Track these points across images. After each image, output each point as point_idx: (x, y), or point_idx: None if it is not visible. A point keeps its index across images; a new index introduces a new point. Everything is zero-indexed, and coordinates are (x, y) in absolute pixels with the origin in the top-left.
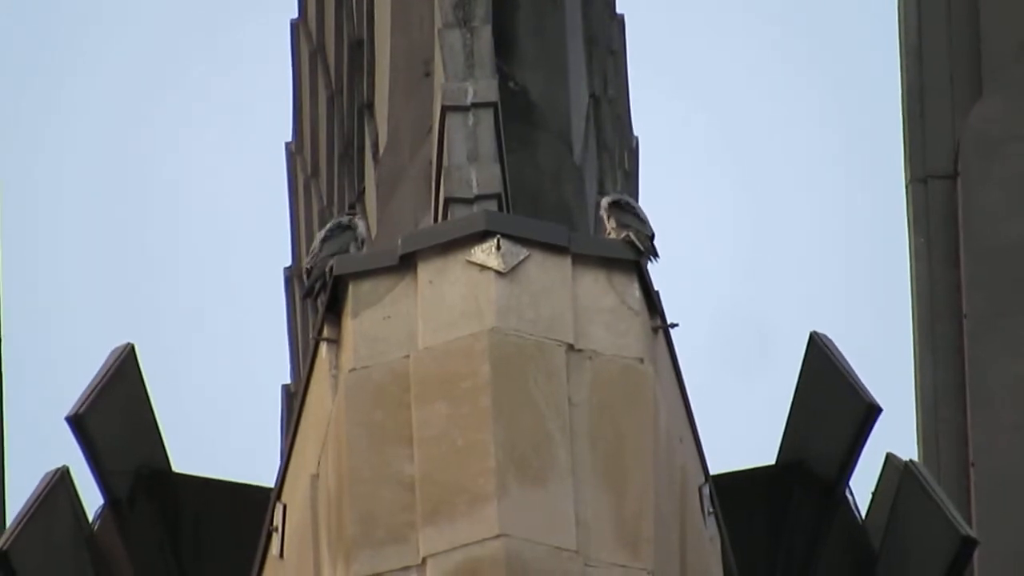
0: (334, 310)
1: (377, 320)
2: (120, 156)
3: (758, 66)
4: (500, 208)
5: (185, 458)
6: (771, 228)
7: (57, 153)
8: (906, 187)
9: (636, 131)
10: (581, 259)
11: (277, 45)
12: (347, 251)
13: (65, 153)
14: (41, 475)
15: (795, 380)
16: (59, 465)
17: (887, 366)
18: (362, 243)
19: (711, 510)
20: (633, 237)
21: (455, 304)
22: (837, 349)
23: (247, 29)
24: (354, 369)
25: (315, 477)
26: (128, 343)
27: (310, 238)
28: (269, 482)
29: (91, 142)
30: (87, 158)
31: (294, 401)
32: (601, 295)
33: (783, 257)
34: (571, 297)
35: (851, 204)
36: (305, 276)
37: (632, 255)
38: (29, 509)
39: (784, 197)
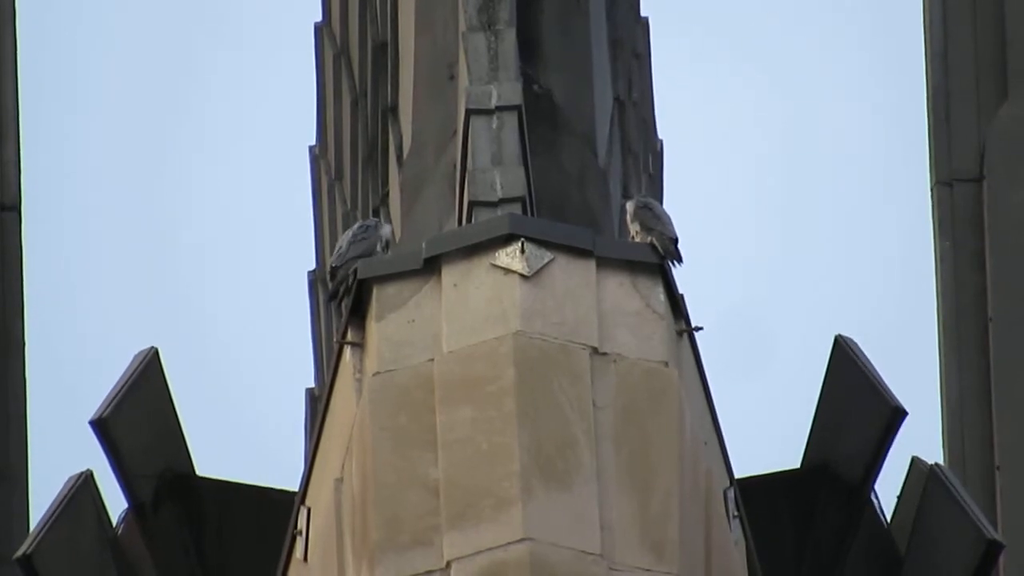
0: (358, 314)
1: (401, 324)
2: (143, 158)
3: (782, 70)
4: (524, 211)
5: (209, 462)
6: (796, 232)
7: (80, 156)
8: (931, 190)
9: (661, 134)
10: (606, 262)
11: (301, 48)
12: (373, 254)
13: (88, 156)
14: (65, 479)
15: (819, 383)
16: (83, 469)
17: (912, 369)
18: (387, 246)
19: (736, 513)
20: (657, 241)
21: (479, 307)
22: (862, 352)
23: (271, 32)
24: (378, 373)
25: (339, 481)
26: (152, 347)
27: (334, 242)
28: (293, 486)
29: (114, 145)
30: (110, 161)
31: (318, 405)
32: (626, 298)
33: (808, 260)
34: (596, 300)
35: (876, 207)
36: (329, 276)
37: (656, 259)
38: (53, 513)
39: (808, 201)
